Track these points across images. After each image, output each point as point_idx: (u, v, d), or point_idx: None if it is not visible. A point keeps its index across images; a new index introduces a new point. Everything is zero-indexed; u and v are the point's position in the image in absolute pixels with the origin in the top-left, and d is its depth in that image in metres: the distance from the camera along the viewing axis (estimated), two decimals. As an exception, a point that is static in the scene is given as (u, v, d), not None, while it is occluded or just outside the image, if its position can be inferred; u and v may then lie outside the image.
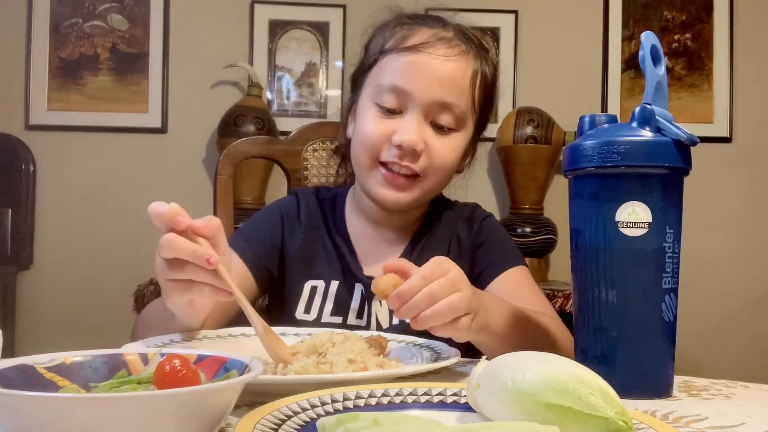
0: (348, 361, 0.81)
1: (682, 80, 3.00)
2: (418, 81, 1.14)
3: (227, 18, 2.98)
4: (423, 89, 1.13)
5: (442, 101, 1.14)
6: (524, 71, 3.02)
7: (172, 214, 0.86)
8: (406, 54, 1.15)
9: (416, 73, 1.14)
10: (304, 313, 1.21)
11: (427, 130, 1.15)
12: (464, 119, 1.18)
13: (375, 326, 1.19)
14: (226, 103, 2.82)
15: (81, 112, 2.91)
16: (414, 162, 1.14)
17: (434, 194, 1.24)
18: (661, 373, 0.82)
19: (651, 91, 0.82)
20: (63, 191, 2.91)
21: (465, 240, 1.27)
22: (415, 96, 1.14)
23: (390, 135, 1.14)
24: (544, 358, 0.63)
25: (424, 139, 1.14)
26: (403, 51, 1.16)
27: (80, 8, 2.92)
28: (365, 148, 1.17)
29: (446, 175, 1.21)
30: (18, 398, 0.51)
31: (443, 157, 1.16)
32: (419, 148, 1.13)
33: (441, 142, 1.16)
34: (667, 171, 0.80)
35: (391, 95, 1.15)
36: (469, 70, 1.18)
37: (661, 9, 3.02)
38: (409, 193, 1.17)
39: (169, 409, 0.52)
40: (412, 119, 1.14)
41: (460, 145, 1.19)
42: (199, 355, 0.67)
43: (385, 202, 1.18)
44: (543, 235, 2.71)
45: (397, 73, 1.15)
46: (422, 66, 1.14)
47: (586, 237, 0.83)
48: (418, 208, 1.26)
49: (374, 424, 0.56)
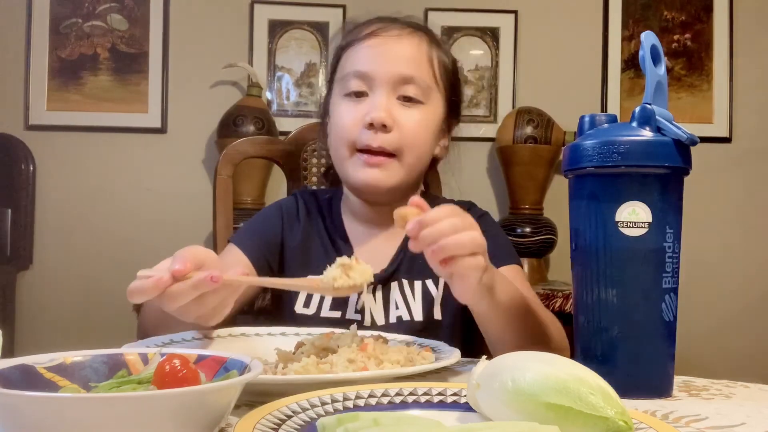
0: (348, 361, 0.81)
1: (681, 80, 3.00)
2: (377, 60, 1.20)
3: (227, 18, 2.98)
4: (383, 67, 1.19)
5: (402, 74, 1.19)
6: (524, 71, 3.02)
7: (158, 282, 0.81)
8: (362, 42, 1.23)
9: (374, 54, 1.21)
10: (303, 307, 1.22)
11: (395, 105, 1.19)
12: (429, 92, 1.22)
13: (370, 321, 1.20)
14: (226, 103, 2.82)
15: (81, 112, 2.91)
16: (387, 140, 1.17)
17: (415, 176, 1.26)
18: (661, 373, 0.82)
19: (651, 91, 0.82)
20: (62, 191, 2.90)
21: None
22: (377, 75, 1.19)
23: (361, 118, 1.18)
24: (544, 358, 0.63)
25: (393, 115, 1.18)
26: (358, 41, 1.23)
27: (80, 8, 2.92)
28: (341, 137, 1.21)
29: (422, 151, 1.23)
30: (18, 398, 0.51)
31: (413, 129, 1.20)
32: (388, 123, 1.16)
33: (409, 115, 1.20)
34: (667, 171, 0.80)
35: (355, 80, 1.20)
36: (423, 47, 1.24)
37: (661, 9, 3.02)
38: (389, 171, 1.19)
39: (169, 409, 0.52)
40: (378, 96, 1.18)
41: (429, 119, 1.23)
42: (199, 355, 0.67)
43: (367, 185, 1.20)
44: (543, 235, 2.71)
45: (357, 60, 1.22)
46: (378, 46, 1.22)
47: (586, 237, 0.83)
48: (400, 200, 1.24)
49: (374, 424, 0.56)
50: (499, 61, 3.01)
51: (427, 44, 1.25)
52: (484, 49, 3.01)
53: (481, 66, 3.01)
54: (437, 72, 1.24)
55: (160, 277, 0.80)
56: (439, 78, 1.25)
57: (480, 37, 3.01)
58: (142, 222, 2.90)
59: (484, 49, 3.01)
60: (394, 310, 1.21)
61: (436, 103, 1.24)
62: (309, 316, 1.20)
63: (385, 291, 1.23)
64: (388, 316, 1.20)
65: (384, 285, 1.23)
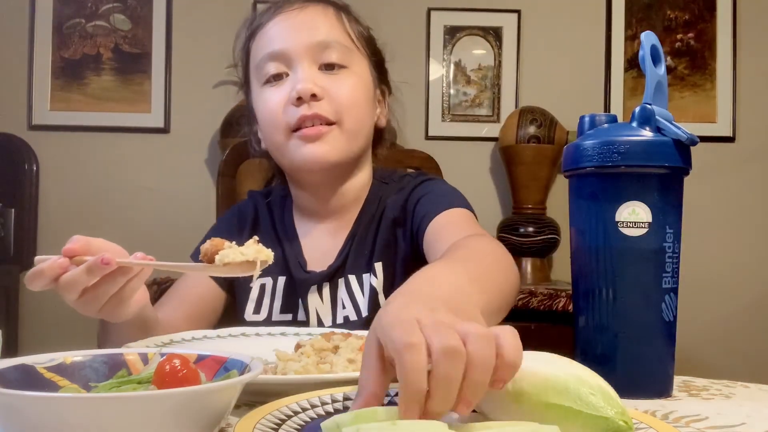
0: (348, 361, 0.81)
1: (684, 80, 2.99)
2: (287, 36, 1.13)
3: (230, 18, 2.96)
4: (294, 40, 1.13)
5: (317, 41, 1.13)
6: (527, 71, 3.01)
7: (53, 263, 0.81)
8: (265, 26, 1.17)
9: (281, 30, 1.15)
10: (253, 313, 1.19)
11: (319, 75, 1.12)
12: (351, 54, 1.16)
13: (316, 323, 1.16)
14: (229, 102, 2.81)
15: (84, 112, 2.91)
16: (322, 107, 1.10)
17: (361, 145, 1.18)
18: (661, 373, 0.82)
19: (651, 91, 0.82)
20: (66, 191, 2.91)
21: (395, 212, 1.19)
22: (291, 50, 1.13)
23: (287, 96, 1.12)
24: (544, 358, 0.63)
25: (320, 84, 1.11)
26: (261, 27, 1.17)
27: (83, 8, 2.92)
28: (271, 123, 1.14)
29: (361, 115, 1.16)
30: (18, 398, 0.51)
31: (345, 93, 1.12)
32: (317, 91, 1.09)
33: (337, 81, 1.13)
34: (667, 171, 0.80)
35: (270, 63, 1.14)
36: (330, 11, 1.17)
37: (664, 8, 3.01)
38: (331, 142, 1.11)
39: (169, 409, 0.52)
40: (299, 71, 1.12)
41: (358, 82, 1.16)
42: (199, 355, 0.67)
43: (311, 161, 1.12)
44: (546, 234, 2.71)
45: (266, 43, 1.15)
46: (283, 22, 1.15)
47: (586, 237, 0.83)
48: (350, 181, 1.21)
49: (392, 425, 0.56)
50: (502, 60, 3.01)
51: (335, 11, 1.18)
52: (487, 49, 3.01)
53: (484, 65, 3.01)
54: (353, 34, 1.18)
55: (55, 259, 0.80)
56: (356, 40, 1.18)
57: (483, 36, 3.01)
58: (144, 222, 2.90)
59: (487, 49, 3.01)
60: (341, 310, 1.16)
61: (361, 65, 1.18)
62: (260, 322, 1.16)
63: (332, 289, 1.18)
64: (335, 316, 1.16)
65: (331, 281, 1.18)
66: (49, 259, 0.81)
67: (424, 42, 2.98)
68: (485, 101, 3.02)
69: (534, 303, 2.37)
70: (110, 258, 0.79)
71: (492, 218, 2.88)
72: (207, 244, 0.81)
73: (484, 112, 3.01)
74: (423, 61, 3.00)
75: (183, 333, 0.97)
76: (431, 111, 3.00)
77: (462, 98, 3.01)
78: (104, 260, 0.78)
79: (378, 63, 1.24)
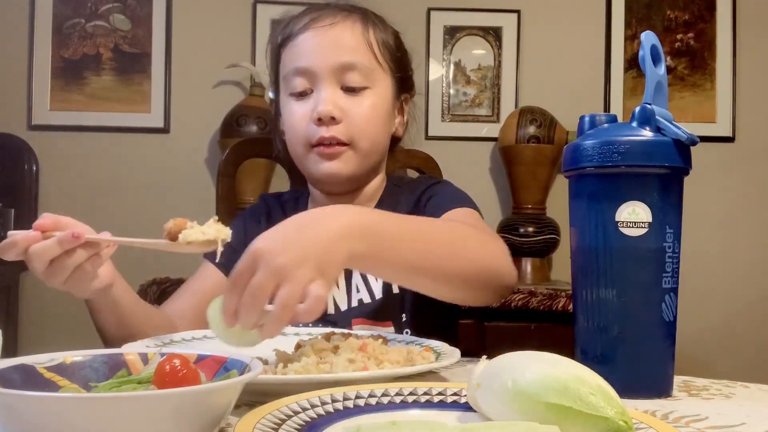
0: (348, 361, 0.81)
1: (684, 80, 3.00)
2: (314, 54, 1.19)
3: (230, 18, 2.98)
4: (320, 59, 1.19)
5: (341, 63, 1.18)
6: (526, 71, 3.01)
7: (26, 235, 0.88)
8: (297, 36, 1.21)
9: (309, 48, 1.20)
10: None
11: (341, 96, 1.19)
12: (373, 75, 1.21)
13: (333, 309, 1.21)
14: (229, 103, 2.82)
15: (83, 112, 2.91)
16: (339, 131, 1.17)
17: (374, 161, 1.26)
18: (661, 373, 0.82)
19: (651, 91, 0.82)
20: (65, 191, 2.91)
21: (408, 209, 1.27)
22: (316, 69, 1.18)
23: (310, 114, 1.19)
24: (544, 358, 0.63)
25: (340, 106, 1.18)
26: (292, 38, 1.22)
27: (83, 8, 2.92)
28: (294, 137, 1.22)
29: (375, 137, 1.23)
30: (18, 398, 0.51)
31: (363, 116, 1.19)
32: (336, 114, 1.17)
33: (357, 103, 1.19)
34: (667, 171, 0.80)
35: (297, 79, 1.20)
36: (357, 28, 1.22)
37: (664, 8, 3.01)
38: (345, 161, 1.20)
39: (169, 409, 0.52)
40: (322, 91, 1.18)
41: (378, 102, 1.22)
42: (199, 355, 0.67)
43: (327, 176, 1.21)
44: (546, 234, 2.71)
45: (294, 57, 1.21)
46: (312, 39, 1.20)
47: (586, 237, 0.83)
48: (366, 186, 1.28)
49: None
50: (502, 60, 3.01)
51: (362, 25, 1.23)
52: (487, 49, 3.01)
53: (484, 65, 3.01)
54: (378, 52, 1.23)
55: (28, 231, 0.88)
56: (381, 58, 1.23)
57: (483, 36, 3.01)
58: (144, 222, 2.90)
59: (487, 49, 3.01)
60: (356, 294, 1.22)
61: (383, 84, 1.24)
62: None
63: (347, 276, 1.24)
64: (350, 300, 1.22)
65: (346, 270, 1.23)
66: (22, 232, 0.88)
67: (424, 42, 2.98)
68: (485, 101, 3.02)
69: (534, 303, 2.37)
70: (80, 232, 0.87)
71: (492, 218, 2.88)
72: (170, 222, 0.86)
73: (483, 112, 3.01)
74: (423, 61, 3.00)
75: (183, 333, 0.97)
76: (431, 111, 3.00)
77: (462, 98, 3.01)
78: (75, 234, 0.86)
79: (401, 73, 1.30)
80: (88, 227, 0.92)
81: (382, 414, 0.66)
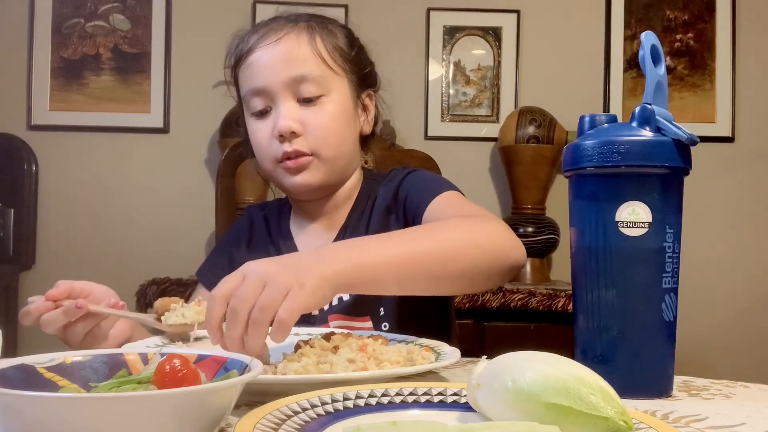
0: (348, 361, 0.81)
1: (684, 80, 3.00)
2: (264, 73, 1.21)
3: (229, 18, 2.96)
4: (271, 77, 1.20)
5: (293, 77, 1.19)
6: (526, 71, 3.02)
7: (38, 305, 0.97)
8: (247, 58, 1.24)
9: (259, 67, 1.21)
10: None
11: (298, 109, 1.20)
12: (326, 82, 1.22)
13: None
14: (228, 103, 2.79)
15: (83, 112, 2.91)
16: (301, 144, 1.19)
17: (343, 165, 1.26)
18: (661, 373, 0.82)
19: (651, 91, 0.82)
20: (65, 191, 2.91)
21: (387, 201, 1.28)
22: (270, 86, 1.20)
23: (271, 132, 1.21)
24: (544, 358, 0.63)
25: (299, 119, 1.19)
26: (243, 58, 1.25)
27: (82, 8, 2.92)
28: (261, 154, 1.25)
29: (339, 142, 1.24)
30: (18, 398, 0.51)
31: (323, 126, 1.21)
32: (296, 128, 1.18)
33: (315, 114, 1.21)
34: (667, 171, 0.80)
35: (255, 99, 1.22)
36: (303, 39, 1.23)
37: (663, 9, 3.02)
38: (313, 172, 1.21)
39: (169, 409, 0.52)
40: (280, 107, 1.20)
41: (336, 108, 1.23)
42: (199, 355, 0.67)
43: (297, 189, 1.23)
44: (545, 235, 2.71)
45: (248, 78, 1.23)
46: (260, 59, 1.22)
47: (586, 237, 0.83)
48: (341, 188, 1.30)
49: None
50: (502, 60, 3.01)
51: (308, 35, 1.23)
52: (487, 49, 3.01)
53: (484, 66, 3.01)
54: (328, 58, 1.23)
55: (42, 301, 0.96)
56: (332, 63, 1.23)
57: (482, 36, 3.01)
58: (144, 222, 2.90)
59: (487, 49, 3.01)
60: None
61: (339, 88, 1.24)
62: None
63: None
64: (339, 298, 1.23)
65: None
66: (38, 300, 0.97)
67: (424, 42, 2.98)
68: (484, 101, 3.02)
69: (534, 303, 2.37)
70: (84, 304, 0.94)
71: (491, 218, 2.88)
72: (159, 302, 0.98)
73: (483, 112, 3.01)
74: (422, 61, 3.00)
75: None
76: (430, 111, 3.00)
77: (461, 98, 3.01)
78: (78, 305, 0.94)
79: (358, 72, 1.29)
80: (107, 289, 1.02)
81: (382, 414, 0.66)
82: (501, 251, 1.02)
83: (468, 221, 1.07)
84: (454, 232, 1.01)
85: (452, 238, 0.99)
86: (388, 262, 0.92)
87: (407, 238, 0.99)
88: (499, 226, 1.06)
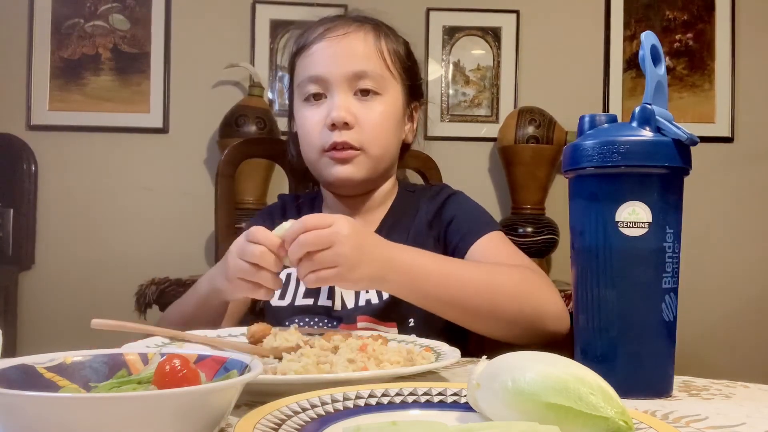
0: (348, 361, 0.81)
1: (683, 80, 3.00)
2: (327, 62, 1.24)
3: (229, 18, 2.98)
4: (334, 67, 1.24)
5: (354, 71, 1.23)
6: (525, 71, 3.02)
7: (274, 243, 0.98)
8: (311, 46, 1.27)
9: (324, 56, 1.25)
10: (278, 299, 1.27)
11: (353, 102, 1.24)
12: (384, 82, 1.26)
13: (340, 306, 1.22)
14: (228, 103, 2.82)
15: (82, 112, 2.91)
16: (351, 136, 1.22)
17: (386, 166, 1.30)
18: (661, 373, 0.82)
19: (651, 91, 0.82)
20: (64, 191, 2.91)
21: (429, 216, 1.31)
22: (330, 76, 1.23)
23: (323, 120, 1.23)
24: (544, 358, 0.63)
25: (352, 112, 1.23)
26: (307, 47, 1.28)
27: (81, 8, 2.92)
28: (308, 141, 1.27)
29: (385, 142, 1.27)
30: (18, 398, 0.51)
31: (374, 122, 1.24)
32: (349, 120, 1.21)
33: (368, 110, 1.24)
34: (667, 171, 0.80)
35: (311, 86, 1.25)
36: (370, 39, 1.27)
37: (663, 9, 3.02)
38: (357, 166, 1.24)
39: (169, 409, 0.52)
40: (335, 97, 1.23)
41: (388, 109, 1.27)
42: (199, 355, 0.67)
43: (339, 181, 1.26)
44: (545, 235, 2.71)
45: (309, 65, 1.26)
46: (326, 49, 1.25)
47: (586, 237, 0.83)
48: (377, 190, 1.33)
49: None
50: (501, 60, 3.01)
51: (374, 35, 1.28)
52: (486, 49, 3.01)
53: (483, 66, 3.01)
54: (389, 61, 1.28)
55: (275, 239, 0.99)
56: (392, 66, 1.28)
57: (482, 36, 3.01)
58: (143, 222, 2.90)
59: (486, 49, 3.01)
60: (364, 294, 1.23)
61: (394, 91, 1.28)
62: (284, 307, 1.25)
63: None
64: (357, 299, 1.23)
65: None
66: None
67: (423, 42, 2.98)
68: (484, 101, 3.02)
69: (533, 303, 2.36)
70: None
71: (491, 218, 2.88)
72: (255, 327, 0.99)
73: (482, 113, 3.01)
74: (422, 61, 2.99)
75: (183, 333, 0.97)
76: (430, 111, 3.00)
77: (461, 98, 3.01)
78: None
79: (411, 82, 1.35)
80: None
81: (382, 414, 0.66)
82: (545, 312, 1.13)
83: (529, 279, 1.13)
84: (510, 279, 1.10)
85: (509, 285, 1.09)
86: (442, 282, 1.04)
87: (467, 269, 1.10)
88: (552, 293, 1.15)
